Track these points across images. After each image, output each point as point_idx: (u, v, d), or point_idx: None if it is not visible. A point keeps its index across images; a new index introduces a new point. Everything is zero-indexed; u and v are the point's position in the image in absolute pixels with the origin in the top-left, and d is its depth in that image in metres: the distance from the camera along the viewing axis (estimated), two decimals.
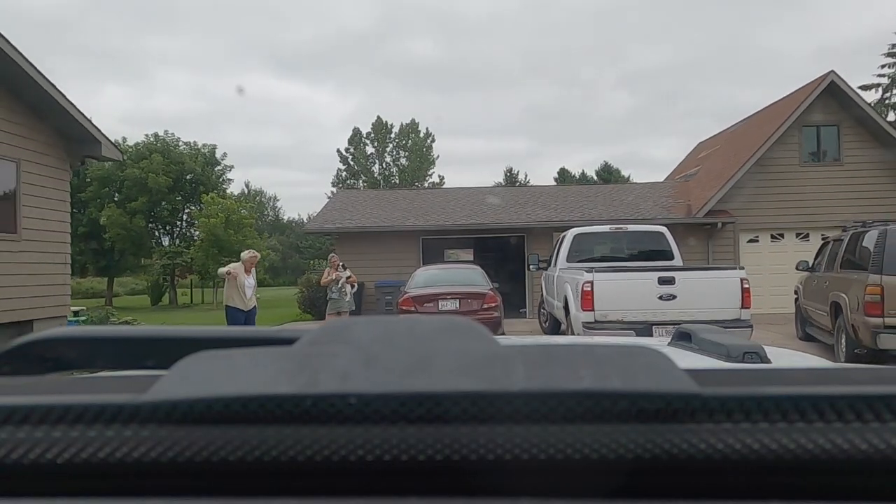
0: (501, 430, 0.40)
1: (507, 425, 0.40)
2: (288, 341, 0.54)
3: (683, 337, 1.37)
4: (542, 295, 12.27)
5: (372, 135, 51.54)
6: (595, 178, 58.94)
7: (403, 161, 51.03)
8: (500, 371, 0.43)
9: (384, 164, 51.49)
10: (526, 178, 58.70)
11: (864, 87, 26.52)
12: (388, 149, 51.61)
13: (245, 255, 8.72)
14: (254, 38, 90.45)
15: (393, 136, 51.56)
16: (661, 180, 22.43)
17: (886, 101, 26.38)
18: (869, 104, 14.99)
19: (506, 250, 16.62)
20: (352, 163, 51.60)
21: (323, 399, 0.41)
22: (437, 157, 53.31)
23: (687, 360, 1.16)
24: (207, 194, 25.39)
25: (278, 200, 76.93)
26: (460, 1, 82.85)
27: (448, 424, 0.40)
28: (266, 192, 71.12)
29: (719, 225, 15.04)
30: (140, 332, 0.68)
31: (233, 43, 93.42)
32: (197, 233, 26.94)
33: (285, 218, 69.28)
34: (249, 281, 8.40)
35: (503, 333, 10.21)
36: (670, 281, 7.13)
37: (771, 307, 14.07)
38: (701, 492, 0.41)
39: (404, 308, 9.89)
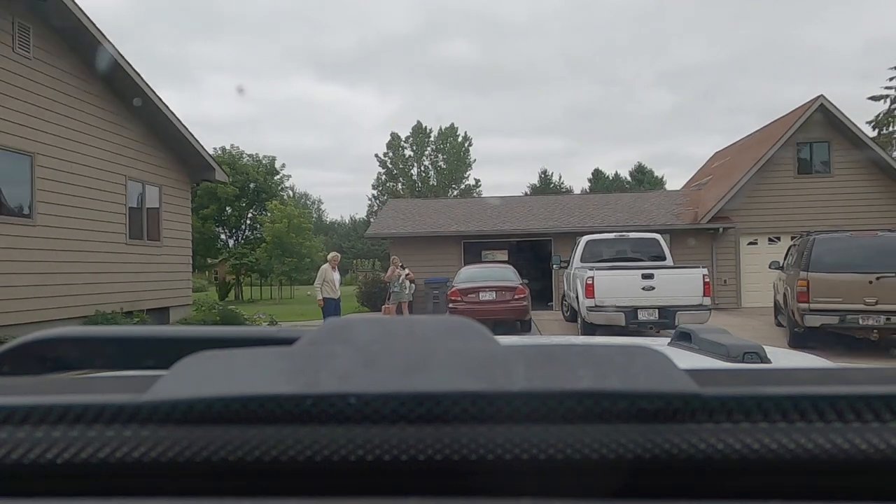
0: (501, 430, 0.40)
1: (506, 425, 0.40)
2: (288, 341, 0.55)
3: (683, 337, 1.37)
4: (564, 290, 14.82)
5: (410, 138, 53.25)
6: (629, 178, 60.57)
7: (441, 164, 52.67)
8: (499, 371, 0.43)
9: (422, 168, 53.21)
10: (560, 180, 60.50)
11: (874, 98, 28.10)
12: (426, 152, 53.18)
13: (330, 256, 11.58)
14: (296, 44, 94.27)
15: (431, 139, 53.11)
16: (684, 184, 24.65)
17: (895, 112, 27.87)
18: (854, 123, 17.02)
19: (535, 252, 19.20)
20: (390, 166, 53.42)
21: (323, 399, 0.41)
22: (475, 160, 55.63)
23: (687, 360, 1.18)
24: (271, 202, 28.60)
25: (322, 203, 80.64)
26: (498, 3, 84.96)
27: (448, 424, 0.40)
28: (310, 194, 75.05)
29: (721, 230, 17.34)
30: (140, 332, 0.68)
31: (276, 48, 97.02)
32: (259, 235, 30.19)
33: (328, 219, 72.93)
34: (336, 276, 11.25)
35: (530, 319, 12.83)
36: (650, 276, 9.67)
37: (769, 301, 16.33)
38: (701, 492, 0.41)
39: (453, 298, 12.59)
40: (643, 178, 59.08)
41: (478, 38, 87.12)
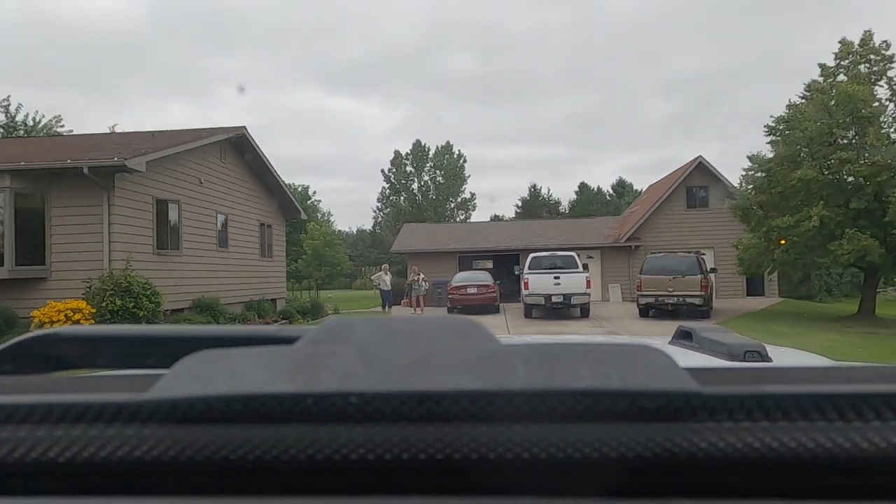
0: (502, 429, 0.40)
1: (507, 424, 0.40)
2: (288, 340, 0.55)
3: (684, 335, 1.39)
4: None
5: (410, 156, 59.77)
6: (611, 191, 68.57)
7: (440, 179, 59.16)
8: (500, 370, 0.43)
9: (422, 182, 59.74)
10: (549, 192, 68.27)
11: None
12: (425, 168, 59.63)
13: (385, 266, 19.92)
14: (303, 57, 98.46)
15: (430, 156, 59.46)
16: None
17: None
18: (722, 174, 25.05)
19: (509, 262, 27.18)
20: (394, 181, 60.00)
21: (323, 398, 0.41)
22: (469, 175, 62.71)
23: (688, 358, 1.19)
24: (309, 223, 36.53)
25: (332, 215, 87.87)
26: (499, 17, 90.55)
27: (449, 423, 0.41)
28: (320, 208, 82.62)
29: (633, 247, 25.36)
30: (141, 331, 0.68)
31: (283, 61, 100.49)
32: (296, 248, 38.08)
33: (336, 230, 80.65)
34: (388, 277, 19.59)
35: (499, 305, 20.82)
36: (558, 277, 17.63)
37: None
38: (702, 491, 0.41)
39: (450, 292, 20.56)
40: (623, 192, 66.88)
41: (478, 50, 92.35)
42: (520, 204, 65.54)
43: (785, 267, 17.53)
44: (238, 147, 17.83)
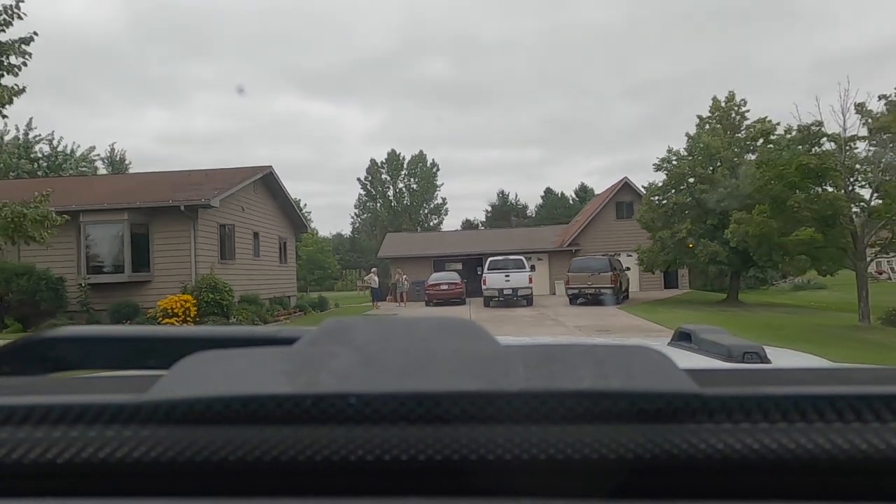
0: (501, 430, 0.40)
1: (506, 425, 0.41)
2: (288, 341, 0.56)
3: (683, 337, 1.40)
4: None
5: (386, 165, 63.94)
6: (574, 196, 74.83)
7: (414, 186, 63.63)
8: (499, 371, 0.43)
9: (398, 189, 64.10)
10: (516, 197, 73.66)
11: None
12: (400, 176, 63.97)
13: (373, 270, 25.60)
14: (279, 64, 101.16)
15: (405, 164, 63.71)
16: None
17: None
18: (642, 190, 31.31)
19: (475, 264, 33.16)
20: (370, 188, 64.27)
21: (323, 399, 0.41)
22: (442, 183, 67.02)
23: (687, 360, 1.19)
24: (304, 233, 42.00)
25: (312, 221, 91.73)
26: (473, 25, 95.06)
27: (448, 424, 0.41)
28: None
29: (574, 251, 31.48)
30: (140, 332, 0.68)
31: (260, 68, 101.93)
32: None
33: (317, 234, 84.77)
34: (376, 278, 25.31)
35: (465, 299, 26.81)
36: (508, 275, 23.53)
37: None
38: (701, 492, 0.41)
39: (427, 289, 26.32)
40: (585, 196, 73.14)
41: (453, 56, 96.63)
42: (489, 209, 71.28)
43: (668, 265, 23.79)
44: (264, 180, 23.46)
